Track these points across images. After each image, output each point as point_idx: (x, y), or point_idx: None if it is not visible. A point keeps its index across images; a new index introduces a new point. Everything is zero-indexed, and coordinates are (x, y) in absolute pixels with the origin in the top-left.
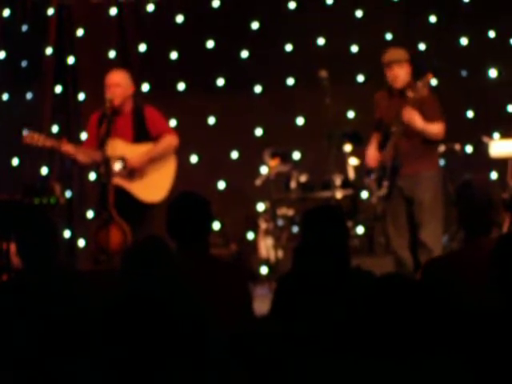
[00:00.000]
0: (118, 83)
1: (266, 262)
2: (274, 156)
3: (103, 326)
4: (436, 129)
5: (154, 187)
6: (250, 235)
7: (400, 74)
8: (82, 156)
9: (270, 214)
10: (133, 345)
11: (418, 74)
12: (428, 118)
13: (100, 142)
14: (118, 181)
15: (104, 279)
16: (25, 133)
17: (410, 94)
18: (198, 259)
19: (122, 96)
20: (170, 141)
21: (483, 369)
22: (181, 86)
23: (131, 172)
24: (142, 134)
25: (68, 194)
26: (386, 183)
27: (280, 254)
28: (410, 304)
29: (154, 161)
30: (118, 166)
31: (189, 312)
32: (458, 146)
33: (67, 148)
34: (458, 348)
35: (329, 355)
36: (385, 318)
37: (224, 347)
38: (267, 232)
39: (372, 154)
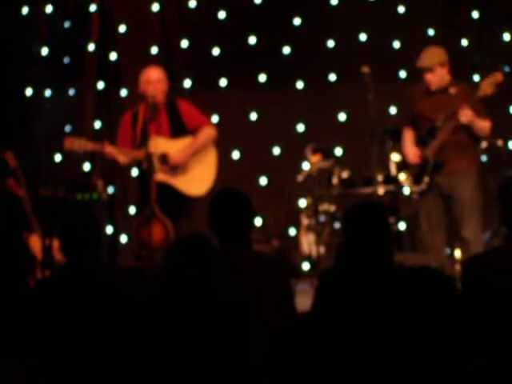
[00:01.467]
0: (160, 79)
1: (308, 258)
2: (315, 152)
3: (145, 321)
4: (488, 125)
5: (199, 180)
6: (292, 231)
7: (433, 80)
8: (123, 156)
9: (312, 209)
10: (174, 341)
11: (460, 70)
12: (477, 114)
13: (140, 141)
14: (161, 177)
15: (146, 275)
16: (65, 137)
17: (452, 90)
18: (239, 255)
19: (163, 91)
20: (209, 132)
21: None
22: (223, 82)
23: (174, 167)
24: (178, 128)
25: (110, 190)
26: (426, 179)
27: (322, 249)
28: (447, 299)
29: (195, 154)
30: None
31: (231, 308)
32: (500, 142)
33: (109, 150)
34: (497, 345)
35: (370, 351)
36: (424, 314)
37: (265, 342)
38: (309, 228)
39: (413, 150)
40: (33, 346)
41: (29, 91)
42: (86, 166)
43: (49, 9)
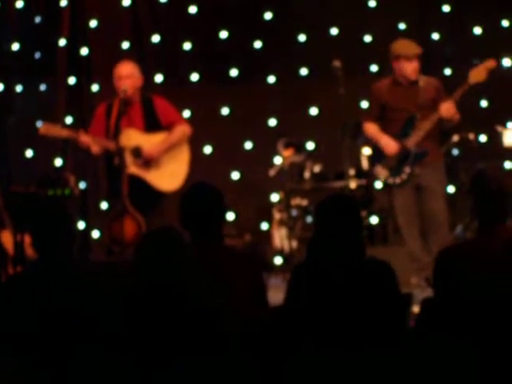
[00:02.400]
0: (131, 74)
1: (280, 253)
2: (287, 146)
3: (117, 316)
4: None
5: (171, 176)
6: (264, 225)
7: (415, 69)
8: (96, 146)
9: (284, 204)
10: (147, 335)
11: (432, 63)
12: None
13: (113, 133)
14: (134, 170)
15: (118, 270)
16: (40, 124)
17: (421, 83)
18: (211, 249)
19: (134, 87)
20: (184, 130)
21: (496, 356)
22: (194, 77)
23: (147, 161)
24: (152, 123)
25: (82, 185)
26: (407, 169)
27: (294, 244)
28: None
29: (169, 150)
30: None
31: (203, 302)
32: (472, 136)
33: (85, 139)
34: (471, 336)
35: (342, 346)
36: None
37: (237, 336)
38: (281, 222)
39: (391, 141)
40: (5, 343)
41: (0, 86)
42: (58, 162)
43: (19, 4)
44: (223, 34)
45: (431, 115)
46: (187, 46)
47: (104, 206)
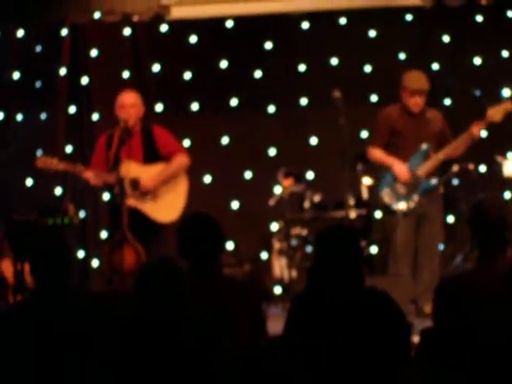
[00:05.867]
0: (134, 104)
1: (280, 282)
2: (287, 176)
3: (116, 346)
4: None
5: (169, 207)
6: (264, 255)
7: (422, 103)
8: (96, 179)
9: (284, 233)
10: (145, 365)
11: (432, 93)
12: (449, 138)
13: (112, 164)
14: (132, 202)
15: (117, 300)
16: (38, 157)
17: (428, 114)
18: (210, 279)
19: (136, 116)
20: (182, 160)
21: None
22: (194, 106)
23: (145, 193)
24: (152, 153)
25: (82, 214)
26: (416, 198)
27: (294, 273)
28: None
29: (167, 181)
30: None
31: (201, 332)
32: (471, 166)
33: (88, 175)
34: (468, 366)
35: (342, 377)
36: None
37: (236, 367)
38: (281, 252)
39: (406, 168)
40: (5, 372)
41: (0, 115)
42: (58, 191)
43: (20, 33)
44: (223, 64)
45: (446, 144)
46: (187, 75)
47: (103, 235)
